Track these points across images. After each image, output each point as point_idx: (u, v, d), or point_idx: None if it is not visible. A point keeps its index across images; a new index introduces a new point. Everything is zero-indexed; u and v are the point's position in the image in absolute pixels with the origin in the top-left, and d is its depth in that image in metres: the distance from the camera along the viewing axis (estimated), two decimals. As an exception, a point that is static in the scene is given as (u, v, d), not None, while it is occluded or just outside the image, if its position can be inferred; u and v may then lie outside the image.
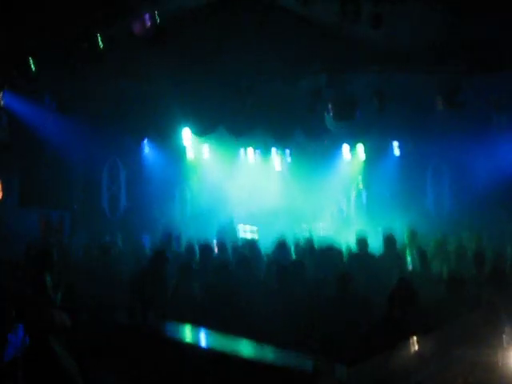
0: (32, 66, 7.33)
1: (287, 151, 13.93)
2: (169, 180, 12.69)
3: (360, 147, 12.99)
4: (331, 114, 8.83)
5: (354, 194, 13.39)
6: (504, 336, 2.74)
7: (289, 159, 14.22)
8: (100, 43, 6.90)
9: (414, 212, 10.78)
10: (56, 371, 3.71)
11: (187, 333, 5.26)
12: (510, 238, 8.70)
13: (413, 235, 8.50)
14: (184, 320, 5.57)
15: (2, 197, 9.05)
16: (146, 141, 11.27)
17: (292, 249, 8.35)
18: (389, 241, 7.79)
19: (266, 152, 13.97)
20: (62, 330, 4.56)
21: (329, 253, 7.53)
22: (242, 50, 8.36)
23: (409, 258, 7.56)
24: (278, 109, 9.88)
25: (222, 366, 4.57)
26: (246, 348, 4.71)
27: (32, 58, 7.33)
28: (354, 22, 6.18)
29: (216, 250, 8.35)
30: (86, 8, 6.56)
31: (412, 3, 6.36)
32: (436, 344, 2.76)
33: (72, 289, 5.99)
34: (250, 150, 13.82)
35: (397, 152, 12.38)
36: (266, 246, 8.65)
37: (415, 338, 2.68)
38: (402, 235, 8.61)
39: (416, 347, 2.63)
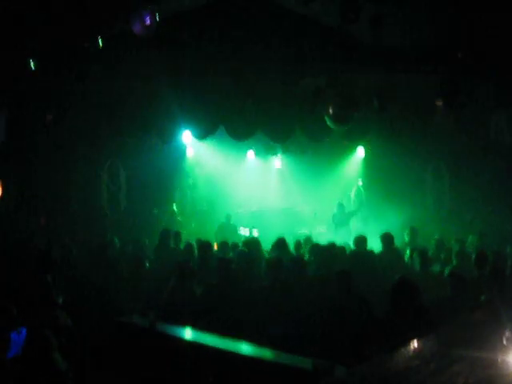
0: (32, 66, 7.33)
1: (287, 152, 13.91)
2: (169, 179, 12.70)
3: (360, 147, 12.99)
4: (331, 115, 8.82)
5: (353, 194, 13.39)
6: (504, 336, 2.74)
7: (288, 160, 14.21)
8: (100, 43, 6.91)
9: (414, 212, 10.78)
10: (49, 373, 3.72)
11: (187, 333, 5.26)
12: (510, 237, 8.70)
13: (413, 234, 8.51)
14: (183, 320, 5.58)
15: (2, 196, 9.05)
16: (145, 140, 11.26)
17: (292, 247, 8.37)
18: (386, 238, 7.81)
19: (266, 153, 13.98)
20: (62, 329, 4.57)
21: (330, 250, 7.55)
22: (242, 50, 8.37)
23: (409, 257, 7.57)
24: (277, 109, 9.88)
25: (221, 366, 4.57)
26: (245, 348, 4.71)
27: (32, 58, 7.33)
28: (354, 22, 6.17)
29: (216, 247, 8.37)
30: (86, 8, 6.56)
31: (412, 3, 6.37)
32: (436, 344, 2.76)
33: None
34: (251, 150, 13.83)
35: (396, 152, 12.37)
36: (267, 246, 8.67)
37: (415, 338, 2.68)
38: (402, 234, 8.63)
39: (416, 347, 2.63)
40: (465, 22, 7.06)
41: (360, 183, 13.27)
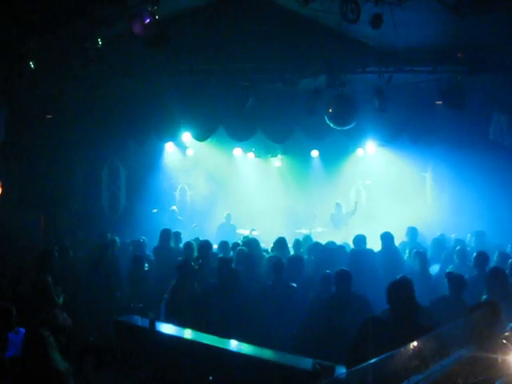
0: (32, 66, 7.33)
1: (287, 152, 13.91)
2: (168, 179, 12.71)
3: (360, 147, 12.98)
4: (331, 115, 8.81)
5: (353, 194, 13.40)
6: (504, 336, 2.74)
7: (288, 160, 14.21)
8: (100, 43, 6.90)
9: (413, 212, 10.78)
10: (48, 372, 3.72)
11: (187, 333, 5.26)
12: (510, 237, 8.70)
13: (413, 235, 8.50)
14: (184, 319, 5.58)
15: (2, 196, 9.04)
16: (145, 140, 11.26)
17: (291, 246, 8.38)
18: (386, 238, 7.80)
19: (265, 153, 13.98)
20: (62, 329, 4.57)
21: (329, 250, 7.56)
22: (242, 50, 8.36)
23: (408, 257, 7.57)
24: (277, 109, 9.87)
25: (221, 366, 4.57)
26: (246, 348, 4.71)
27: (31, 58, 7.33)
28: (354, 22, 6.16)
29: (215, 247, 8.38)
30: (86, 8, 6.56)
31: (412, 3, 6.36)
32: (436, 344, 2.76)
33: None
34: (250, 149, 13.84)
35: (396, 152, 12.36)
36: (266, 246, 8.67)
37: (415, 337, 2.68)
38: (401, 234, 8.62)
39: (416, 347, 2.62)
40: (465, 22, 7.06)
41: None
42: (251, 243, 8.09)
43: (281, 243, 7.83)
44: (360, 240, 7.90)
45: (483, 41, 7.85)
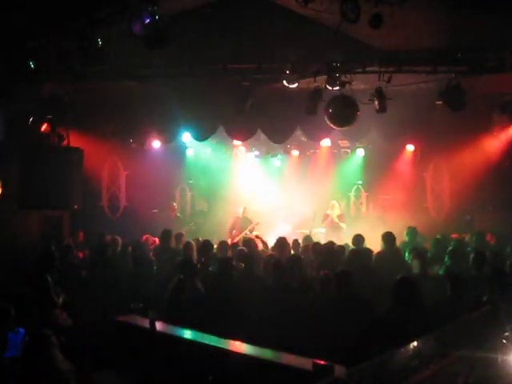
0: (32, 66, 7.33)
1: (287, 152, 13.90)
2: (169, 179, 12.70)
3: (360, 147, 12.99)
4: (331, 115, 8.81)
5: (353, 194, 13.40)
6: (504, 336, 2.74)
7: (288, 160, 14.20)
8: (100, 43, 6.90)
9: (414, 212, 10.78)
10: (50, 372, 3.72)
11: (187, 333, 5.25)
12: (510, 237, 8.70)
13: (413, 235, 8.50)
14: (185, 318, 5.57)
15: (2, 196, 9.04)
16: (146, 140, 11.27)
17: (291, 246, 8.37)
18: (388, 238, 7.80)
19: (265, 153, 13.97)
20: (62, 329, 4.57)
21: (330, 249, 7.56)
22: (242, 50, 8.37)
23: (408, 258, 7.56)
24: (278, 109, 9.87)
25: (221, 366, 4.57)
26: (246, 348, 4.70)
27: (32, 58, 7.33)
28: (354, 22, 6.17)
29: (215, 247, 8.38)
30: (86, 7, 6.56)
31: (412, 3, 6.36)
32: (436, 344, 2.76)
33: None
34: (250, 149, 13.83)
35: (396, 152, 12.36)
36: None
37: (415, 338, 2.68)
38: (402, 235, 8.62)
39: (416, 347, 2.63)
40: (465, 22, 7.06)
41: (360, 184, 13.28)
42: (250, 243, 8.10)
43: (281, 243, 7.82)
44: (358, 240, 7.93)
45: (483, 41, 7.84)
